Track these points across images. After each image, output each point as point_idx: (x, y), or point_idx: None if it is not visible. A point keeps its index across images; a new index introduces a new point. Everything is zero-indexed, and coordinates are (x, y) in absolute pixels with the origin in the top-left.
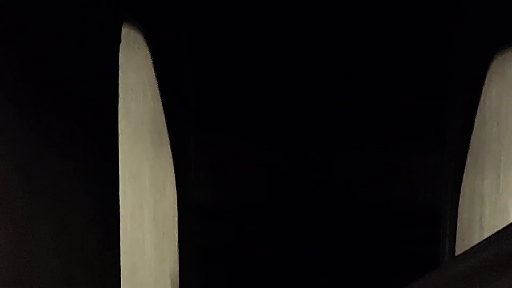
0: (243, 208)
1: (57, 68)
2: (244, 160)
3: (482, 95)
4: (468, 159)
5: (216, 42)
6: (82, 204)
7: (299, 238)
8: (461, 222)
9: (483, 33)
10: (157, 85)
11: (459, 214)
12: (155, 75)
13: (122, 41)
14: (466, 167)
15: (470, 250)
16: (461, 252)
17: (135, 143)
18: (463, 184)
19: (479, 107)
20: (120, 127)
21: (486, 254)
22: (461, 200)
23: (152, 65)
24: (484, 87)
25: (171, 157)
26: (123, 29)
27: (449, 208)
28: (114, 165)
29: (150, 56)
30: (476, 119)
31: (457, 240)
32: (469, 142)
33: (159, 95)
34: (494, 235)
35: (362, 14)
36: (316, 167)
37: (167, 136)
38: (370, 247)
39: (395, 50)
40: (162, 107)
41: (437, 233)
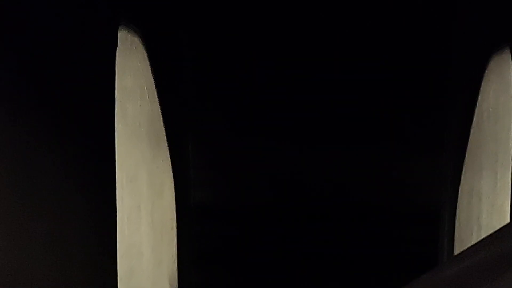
0: (242, 209)
1: (54, 71)
2: (243, 161)
3: (480, 95)
4: (466, 159)
5: (215, 42)
6: (78, 207)
7: (298, 239)
8: (460, 221)
9: (481, 34)
10: (154, 87)
11: (457, 213)
12: (153, 77)
13: (119, 44)
14: (464, 166)
15: (465, 251)
16: (459, 251)
17: (133, 145)
18: (461, 183)
19: (477, 107)
20: (117, 129)
21: (481, 255)
22: (459, 199)
23: (149, 67)
24: (482, 88)
25: (169, 159)
26: (120, 32)
27: (447, 207)
28: (111, 168)
29: (147, 58)
30: (474, 119)
31: (455, 240)
32: (467, 142)
33: (156, 97)
34: (489, 236)
35: (361, 14)
36: (315, 167)
37: (165, 137)
38: (368, 247)
39: (394, 50)
40: (160, 109)
41: (435, 232)
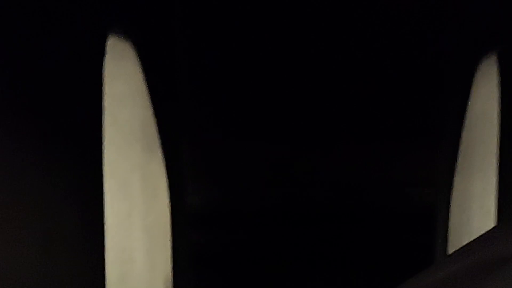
0: (238, 213)
1: (40, 79)
2: (239, 165)
3: (470, 99)
4: (458, 161)
5: (209, 46)
6: (64, 214)
7: (294, 243)
8: (452, 223)
9: (471, 40)
10: (147, 92)
11: (450, 215)
12: (145, 82)
13: (109, 51)
14: (457, 168)
15: (447, 258)
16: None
17: (124, 151)
18: (454, 185)
19: (467, 111)
20: (107, 136)
21: (462, 262)
22: (452, 201)
23: (141, 72)
24: (472, 91)
25: (163, 163)
26: (109, 37)
27: (441, 210)
28: (98, 174)
29: (139, 63)
30: (466, 122)
31: (448, 242)
32: (459, 145)
33: (149, 102)
34: (471, 242)
35: (355, 17)
36: (311, 170)
37: (159, 142)
38: (363, 248)
39: (388, 54)
40: (153, 114)
41: (430, 234)
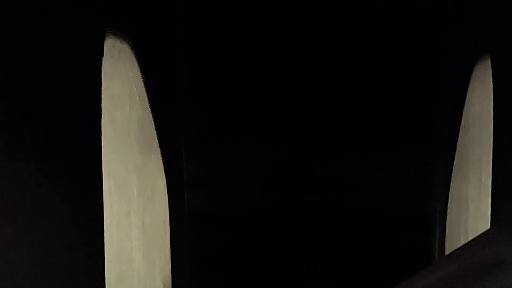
0: (237, 213)
1: (37, 80)
2: (238, 165)
3: (466, 101)
4: (455, 163)
5: (208, 45)
6: (63, 215)
7: (294, 244)
8: (450, 224)
9: (467, 42)
10: (145, 93)
11: (447, 218)
12: (143, 83)
13: (107, 52)
14: (453, 171)
15: (442, 260)
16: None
17: (122, 152)
18: (451, 187)
19: (463, 113)
20: (105, 137)
21: (457, 264)
22: (449, 203)
23: (140, 73)
24: (468, 94)
25: (162, 164)
26: (107, 39)
27: (438, 212)
28: (97, 175)
29: (137, 64)
30: (462, 124)
31: (446, 244)
32: (456, 147)
33: (147, 103)
34: (466, 245)
35: (354, 17)
36: (311, 171)
37: (157, 143)
38: (360, 250)
39: (384, 55)
40: (151, 114)
41: (427, 237)
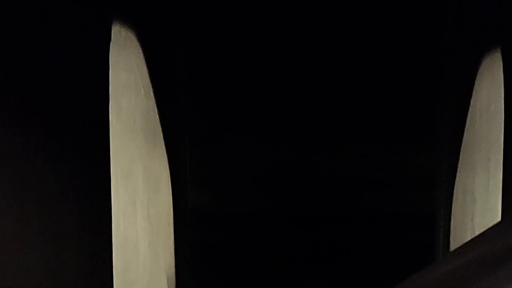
0: (240, 210)
1: (44, 66)
2: (241, 160)
3: (473, 95)
4: (460, 158)
5: (212, 37)
6: (72, 201)
7: (295, 243)
8: (455, 221)
9: (473, 34)
10: (150, 83)
11: (452, 213)
12: (148, 73)
13: (114, 39)
14: (459, 166)
15: (455, 251)
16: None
17: (127, 141)
18: (456, 182)
19: (470, 106)
20: (111, 124)
21: (470, 255)
22: (454, 198)
23: (145, 63)
24: (475, 87)
25: (166, 155)
26: (113, 27)
27: (442, 207)
28: (105, 162)
29: (142, 54)
30: (468, 118)
31: (451, 239)
32: (461, 141)
33: (152, 93)
34: (478, 236)
35: (355, 15)
36: (312, 169)
37: (161, 134)
38: (364, 248)
39: (387, 51)
40: (155, 105)
41: (431, 232)
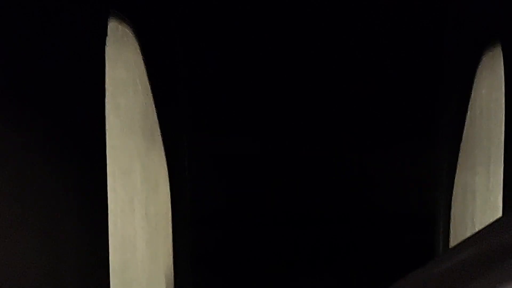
0: (240, 208)
1: (41, 63)
2: (241, 159)
3: (473, 91)
4: (460, 155)
5: (212, 37)
6: (68, 199)
7: (295, 243)
8: (454, 218)
9: (473, 30)
10: (148, 80)
11: (452, 210)
12: (146, 70)
13: (111, 35)
14: (459, 164)
15: (454, 248)
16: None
17: (126, 138)
18: (455, 181)
19: (470, 104)
20: (109, 121)
21: (470, 251)
22: (454, 196)
23: (142, 60)
24: (475, 84)
25: (164, 153)
26: (111, 23)
27: (442, 204)
28: (102, 160)
29: (140, 50)
30: (468, 115)
31: (450, 236)
32: (461, 139)
33: (150, 90)
34: (479, 232)
35: (355, 15)
36: (313, 170)
37: (159, 131)
38: (364, 248)
39: (386, 49)
40: (153, 103)
41: (431, 229)
